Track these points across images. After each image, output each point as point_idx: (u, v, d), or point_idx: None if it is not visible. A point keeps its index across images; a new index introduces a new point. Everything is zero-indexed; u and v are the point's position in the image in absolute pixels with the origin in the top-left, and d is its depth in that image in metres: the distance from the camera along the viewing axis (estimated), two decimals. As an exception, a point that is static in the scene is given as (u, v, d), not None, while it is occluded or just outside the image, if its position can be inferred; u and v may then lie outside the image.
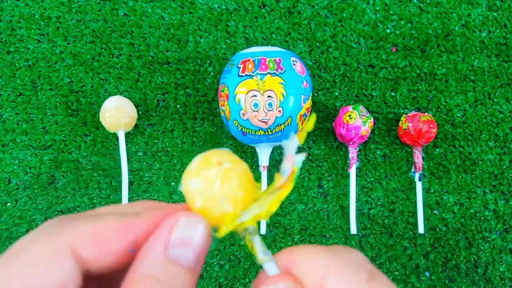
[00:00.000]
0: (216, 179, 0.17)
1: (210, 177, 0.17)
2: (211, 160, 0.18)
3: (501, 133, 0.50)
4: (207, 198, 0.17)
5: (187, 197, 0.18)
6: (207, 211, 0.18)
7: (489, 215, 0.49)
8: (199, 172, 0.18)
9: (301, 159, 0.17)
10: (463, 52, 0.50)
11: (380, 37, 0.51)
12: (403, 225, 0.49)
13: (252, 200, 0.18)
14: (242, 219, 0.18)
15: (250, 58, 0.43)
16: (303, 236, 0.50)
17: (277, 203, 0.18)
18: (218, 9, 0.52)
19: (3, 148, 0.52)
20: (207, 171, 0.17)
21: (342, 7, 0.51)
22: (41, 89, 0.52)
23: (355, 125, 0.46)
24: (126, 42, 0.52)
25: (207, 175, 0.17)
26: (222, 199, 0.17)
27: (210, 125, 0.51)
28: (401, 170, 0.50)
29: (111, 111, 0.48)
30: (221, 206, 0.17)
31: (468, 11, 0.51)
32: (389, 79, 0.51)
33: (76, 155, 0.51)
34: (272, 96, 0.42)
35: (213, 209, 0.17)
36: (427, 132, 0.46)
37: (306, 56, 0.51)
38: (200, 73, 0.52)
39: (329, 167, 0.50)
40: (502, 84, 0.50)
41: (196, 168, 0.18)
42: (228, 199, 0.17)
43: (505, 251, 0.48)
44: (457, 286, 0.48)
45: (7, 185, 0.51)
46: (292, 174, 0.17)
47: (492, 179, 0.49)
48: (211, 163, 0.18)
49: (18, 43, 0.52)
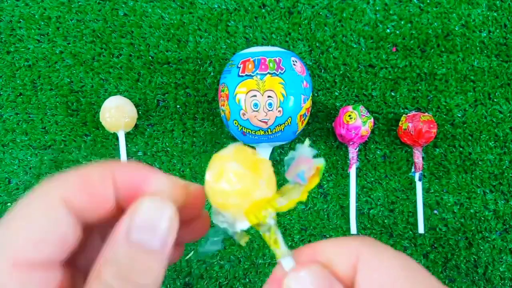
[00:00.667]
0: (255, 164, 0.18)
1: (248, 162, 0.18)
2: (246, 149, 0.19)
3: (501, 133, 0.50)
4: (247, 181, 0.18)
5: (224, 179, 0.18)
6: (246, 193, 0.18)
7: (489, 215, 0.49)
8: (237, 157, 0.18)
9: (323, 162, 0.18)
10: (463, 52, 0.50)
11: (380, 37, 0.51)
12: (403, 225, 0.49)
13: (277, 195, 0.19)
14: (280, 204, 0.18)
15: (250, 58, 0.43)
16: (303, 236, 0.50)
17: (305, 193, 0.18)
18: (218, 9, 0.52)
19: (3, 148, 0.52)
20: (245, 157, 0.18)
21: (342, 7, 0.51)
22: (41, 89, 0.52)
23: (355, 125, 0.46)
24: (126, 42, 0.52)
25: (246, 160, 0.18)
26: (262, 182, 0.18)
27: (210, 125, 0.51)
28: (401, 170, 0.50)
29: (111, 111, 0.48)
30: (261, 190, 0.18)
31: (468, 11, 0.51)
32: (389, 79, 0.51)
33: (76, 155, 0.51)
34: (272, 96, 0.42)
35: (252, 192, 0.18)
36: (427, 132, 0.46)
37: (306, 56, 0.51)
38: (200, 73, 0.52)
39: (329, 167, 0.50)
40: (502, 84, 0.50)
41: (234, 154, 0.18)
42: (267, 184, 0.18)
43: (505, 251, 0.48)
44: (457, 286, 0.48)
45: (7, 185, 0.51)
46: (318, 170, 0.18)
47: (492, 179, 0.49)
48: (247, 152, 0.19)
49: (18, 43, 0.52)
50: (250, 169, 0.18)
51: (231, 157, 0.18)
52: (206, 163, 0.36)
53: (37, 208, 0.16)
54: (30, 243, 0.15)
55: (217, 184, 0.18)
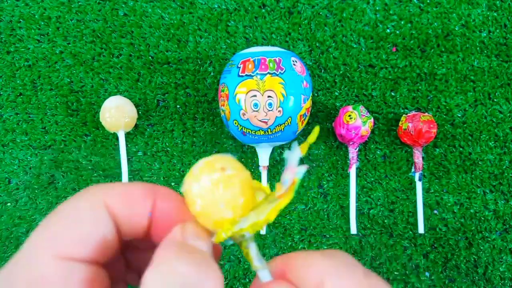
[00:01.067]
0: (218, 184, 0.17)
1: (211, 182, 0.17)
2: (214, 165, 0.18)
3: (501, 133, 0.50)
4: (207, 203, 0.17)
5: (188, 199, 0.18)
6: (206, 215, 0.18)
7: (489, 215, 0.49)
8: (201, 176, 0.18)
9: (302, 171, 0.17)
10: (463, 52, 0.50)
11: (380, 37, 0.51)
12: (403, 225, 0.49)
13: (251, 208, 0.18)
14: (240, 226, 0.18)
15: (250, 58, 0.43)
16: (303, 236, 0.50)
17: (275, 212, 0.18)
18: (218, 9, 0.52)
19: (3, 148, 0.52)
20: (210, 175, 0.18)
21: (342, 7, 0.51)
22: (41, 89, 0.52)
23: (355, 125, 0.46)
24: (126, 42, 0.52)
25: (209, 180, 0.18)
26: (221, 205, 0.17)
27: (210, 125, 0.51)
28: (401, 170, 0.50)
29: (111, 111, 0.48)
30: (221, 212, 0.17)
31: (468, 11, 0.51)
32: (389, 79, 0.51)
33: (76, 155, 0.51)
34: (272, 96, 0.42)
35: (212, 213, 0.18)
36: (427, 132, 0.46)
37: (306, 56, 0.51)
38: (200, 73, 0.52)
39: (329, 167, 0.50)
40: (502, 84, 0.50)
41: (199, 172, 0.18)
42: (228, 205, 0.18)
43: (505, 251, 0.48)
44: (457, 286, 0.48)
45: (7, 185, 0.51)
46: (292, 185, 0.17)
47: (492, 179, 0.49)
48: (214, 168, 0.18)
49: (18, 43, 0.52)
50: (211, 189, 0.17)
51: (195, 176, 0.18)
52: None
53: (82, 208, 0.17)
54: (74, 240, 0.16)
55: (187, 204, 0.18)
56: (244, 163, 0.50)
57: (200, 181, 0.18)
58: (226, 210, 0.17)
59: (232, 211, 0.18)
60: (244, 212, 0.18)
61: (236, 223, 0.18)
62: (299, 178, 0.17)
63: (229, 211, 0.18)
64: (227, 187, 0.17)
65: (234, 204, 0.18)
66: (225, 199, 0.17)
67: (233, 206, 0.18)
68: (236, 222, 0.18)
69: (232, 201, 0.18)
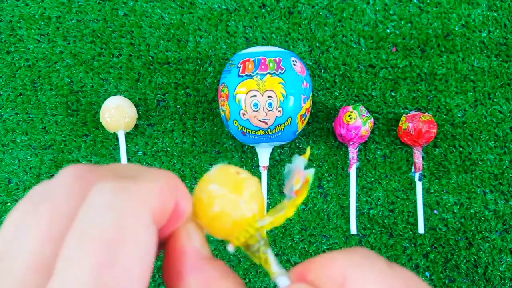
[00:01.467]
0: (237, 185, 0.18)
1: (230, 182, 0.18)
2: (229, 169, 0.19)
3: (501, 133, 0.50)
4: (227, 202, 0.18)
5: (203, 203, 0.18)
6: (225, 215, 0.18)
7: (489, 215, 0.49)
8: (218, 178, 0.18)
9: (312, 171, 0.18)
10: (463, 52, 0.50)
11: (380, 37, 0.51)
12: (403, 225, 0.49)
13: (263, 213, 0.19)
14: (261, 224, 0.18)
15: (250, 58, 0.43)
16: (303, 236, 0.50)
17: (293, 208, 0.18)
18: (218, 9, 0.52)
19: (3, 148, 0.52)
20: (227, 178, 0.18)
21: (342, 7, 0.51)
22: (41, 89, 0.52)
23: (355, 125, 0.46)
24: (126, 42, 0.52)
25: (227, 181, 0.18)
26: (242, 203, 0.18)
27: (210, 125, 0.51)
28: (401, 170, 0.50)
29: (111, 111, 0.48)
30: (241, 210, 0.18)
31: (468, 11, 0.51)
32: (389, 79, 0.51)
33: (76, 155, 0.51)
34: (272, 96, 0.42)
35: (232, 213, 0.18)
36: (427, 132, 0.46)
37: (306, 56, 0.51)
38: (200, 73, 0.52)
39: (329, 167, 0.50)
40: (502, 84, 0.50)
41: (215, 175, 0.18)
42: (248, 204, 0.18)
43: (505, 251, 0.48)
44: (457, 286, 0.48)
45: (7, 185, 0.51)
46: (306, 182, 0.18)
47: (492, 179, 0.49)
48: (230, 172, 0.18)
49: (18, 43, 0.52)
50: (230, 190, 0.18)
51: (211, 178, 0.18)
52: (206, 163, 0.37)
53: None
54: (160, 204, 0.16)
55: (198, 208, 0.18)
56: (244, 163, 0.50)
57: (218, 183, 0.18)
58: (247, 208, 0.18)
59: (252, 211, 0.18)
60: (260, 214, 0.19)
61: (256, 221, 0.18)
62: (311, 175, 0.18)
63: (249, 211, 0.18)
64: (246, 187, 0.18)
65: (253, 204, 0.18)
66: (245, 198, 0.18)
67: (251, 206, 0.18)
68: (256, 221, 0.18)
69: (251, 200, 0.18)
